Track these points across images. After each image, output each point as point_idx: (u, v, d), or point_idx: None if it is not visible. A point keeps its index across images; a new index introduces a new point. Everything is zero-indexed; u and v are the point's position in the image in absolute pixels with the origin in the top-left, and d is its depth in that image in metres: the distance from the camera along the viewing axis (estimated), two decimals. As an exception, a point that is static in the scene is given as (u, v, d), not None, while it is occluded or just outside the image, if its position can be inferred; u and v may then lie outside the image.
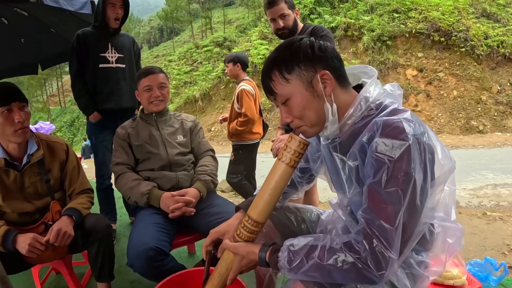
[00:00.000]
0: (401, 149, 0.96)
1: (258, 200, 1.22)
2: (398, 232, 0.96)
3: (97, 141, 3.06)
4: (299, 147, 1.16)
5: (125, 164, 2.12)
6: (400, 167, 0.96)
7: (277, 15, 2.37)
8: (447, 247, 1.15)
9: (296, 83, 1.12)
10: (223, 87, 19.10)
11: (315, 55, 1.11)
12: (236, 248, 1.21)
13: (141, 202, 1.99)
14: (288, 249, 1.11)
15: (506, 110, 12.16)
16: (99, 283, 2.02)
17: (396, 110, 1.06)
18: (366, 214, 1.01)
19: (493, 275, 2.02)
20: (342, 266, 1.01)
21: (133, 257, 1.71)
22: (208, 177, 2.14)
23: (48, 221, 1.89)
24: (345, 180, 1.19)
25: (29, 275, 2.26)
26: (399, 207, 0.96)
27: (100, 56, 2.93)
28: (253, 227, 1.21)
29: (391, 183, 0.96)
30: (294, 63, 1.12)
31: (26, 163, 1.87)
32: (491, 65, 13.32)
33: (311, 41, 1.14)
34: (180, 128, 2.28)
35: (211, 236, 1.41)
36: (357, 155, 1.08)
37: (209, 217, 1.96)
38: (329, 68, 1.12)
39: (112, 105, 2.98)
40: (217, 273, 1.29)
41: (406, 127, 0.98)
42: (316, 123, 1.16)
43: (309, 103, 1.13)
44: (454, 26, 14.17)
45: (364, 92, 1.12)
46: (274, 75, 1.15)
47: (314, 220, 1.54)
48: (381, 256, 0.96)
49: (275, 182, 1.18)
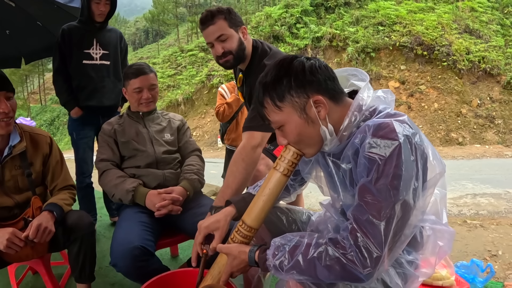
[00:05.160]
0: (392, 147, 0.96)
1: (252, 206, 1.26)
2: (386, 228, 0.96)
3: (78, 137, 2.99)
4: (293, 157, 1.18)
5: (110, 160, 2.06)
6: (391, 165, 0.96)
7: (213, 38, 1.81)
8: (437, 250, 1.16)
9: (288, 110, 1.11)
10: (206, 92, 19.04)
11: (306, 80, 1.09)
12: (229, 248, 1.23)
13: (126, 200, 1.92)
14: (276, 246, 1.12)
15: (485, 123, 12.43)
16: (78, 284, 1.94)
17: (390, 115, 1.06)
18: (355, 211, 1.01)
19: (479, 276, 2.03)
20: (326, 261, 1.00)
21: (117, 256, 1.65)
22: (195, 176, 2.09)
23: (28, 217, 1.80)
24: (339, 183, 1.19)
25: (5, 274, 2.16)
26: (388, 203, 0.96)
27: (84, 53, 2.87)
28: (247, 232, 1.25)
29: (381, 180, 0.97)
30: (285, 90, 1.09)
31: (7, 155, 1.79)
32: (472, 80, 13.62)
33: (302, 63, 1.11)
34: (168, 126, 2.23)
35: (202, 232, 1.37)
36: (350, 157, 1.08)
37: (196, 217, 1.85)
38: (322, 91, 1.10)
39: (94, 102, 2.92)
40: (210, 275, 1.30)
41: (397, 127, 0.98)
42: (314, 145, 1.16)
43: (303, 130, 1.12)
44: (437, 40, 14.45)
45: (357, 100, 1.11)
46: (266, 103, 1.13)
47: (305, 221, 1.54)
48: (366, 252, 0.96)
49: (269, 189, 1.23)
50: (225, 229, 1.36)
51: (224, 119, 3.27)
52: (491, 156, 9.94)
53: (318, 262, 1.01)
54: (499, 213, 4.62)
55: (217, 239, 1.33)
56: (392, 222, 0.96)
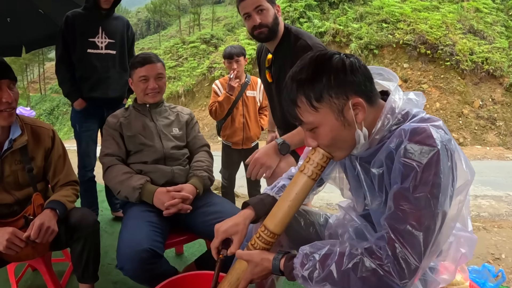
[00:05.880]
0: (430, 154, 0.92)
1: (276, 211, 1.19)
2: (425, 239, 0.92)
3: (81, 130, 2.89)
4: (322, 160, 1.12)
5: (115, 155, 1.96)
6: (430, 173, 0.92)
7: (252, 8, 1.86)
8: (459, 257, 1.13)
9: (325, 112, 1.03)
10: (207, 84, 18.92)
11: (347, 79, 1.01)
12: (251, 255, 1.16)
13: (132, 198, 1.83)
14: (304, 255, 1.06)
15: (487, 124, 12.39)
16: (81, 284, 1.85)
17: (424, 119, 1.02)
18: (391, 219, 0.96)
19: (490, 281, 2.00)
20: (361, 273, 0.95)
21: (124, 259, 1.56)
22: (205, 173, 2.00)
23: (29, 215, 1.70)
24: (366, 188, 1.14)
25: (3, 272, 2.09)
26: (428, 213, 0.92)
27: (89, 41, 2.76)
28: (269, 238, 1.18)
29: (420, 188, 0.92)
30: (324, 90, 1.01)
31: (8, 149, 1.68)
32: (475, 80, 13.56)
33: (343, 60, 1.03)
34: (176, 120, 2.14)
35: (220, 236, 1.28)
36: (383, 161, 1.03)
37: (206, 217, 1.82)
38: (361, 93, 1.03)
39: (98, 93, 2.82)
40: (227, 282, 1.22)
41: (434, 133, 0.94)
42: (345, 149, 1.11)
43: (339, 133, 1.05)
44: (441, 40, 14.36)
45: (389, 102, 1.06)
46: (300, 102, 1.05)
47: (322, 223, 1.47)
48: (404, 263, 0.92)
49: (295, 194, 1.15)
50: (244, 233, 1.28)
51: (217, 118, 3.22)
52: (492, 158, 9.90)
53: (353, 273, 0.96)
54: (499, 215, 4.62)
55: (235, 243, 1.26)
56: (432, 233, 0.93)
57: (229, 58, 3.13)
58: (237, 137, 3.26)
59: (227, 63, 3.18)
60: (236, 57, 3.12)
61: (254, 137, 3.33)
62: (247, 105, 3.26)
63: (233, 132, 3.25)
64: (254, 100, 3.31)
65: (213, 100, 3.20)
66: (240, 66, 3.14)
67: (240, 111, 3.23)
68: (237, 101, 3.21)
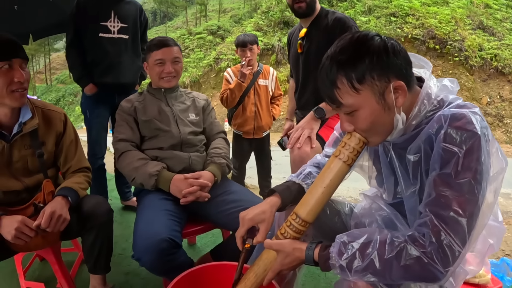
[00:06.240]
0: (471, 140, 0.92)
1: (309, 197, 1.14)
2: (469, 224, 0.91)
3: (91, 116, 2.84)
4: (358, 145, 1.08)
5: (129, 141, 1.89)
6: (472, 158, 0.92)
7: None
8: (487, 247, 1.12)
9: (367, 94, 1.00)
10: (213, 75, 18.85)
11: (390, 62, 0.99)
12: (281, 245, 1.12)
13: (148, 185, 1.76)
14: (342, 243, 1.03)
15: (494, 121, 12.30)
16: (92, 275, 1.78)
17: (461, 105, 1.00)
18: (433, 206, 0.95)
19: (508, 275, 1.98)
20: (405, 261, 0.93)
21: (141, 250, 1.49)
22: (223, 160, 1.94)
23: (39, 203, 1.60)
24: (400, 175, 1.11)
25: (10, 262, 1.98)
26: (471, 198, 0.92)
27: (101, 25, 2.69)
28: (301, 227, 1.13)
29: (463, 174, 0.92)
30: (366, 71, 0.98)
31: (17, 132, 1.59)
32: (483, 77, 13.45)
33: (385, 42, 1.00)
34: (192, 106, 2.07)
35: (246, 225, 1.22)
36: (422, 147, 1.01)
37: (225, 205, 1.76)
38: (402, 77, 1.01)
39: (110, 79, 2.75)
40: (253, 273, 1.16)
41: (473, 119, 0.94)
42: (382, 134, 1.07)
43: (378, 117, 1.02)
44: (450, 35, 14.24)
45: (425, 88, 1.04)
46: (340, 83, 1.01)
47: (347, 213, 1.43)
48: (449, 250, 0.91)
49: (330, 180, 1.11)
50: (271, 221, 1.22)
51: (228, 105, 3.18)
52: (500, 155, 9.87)
53: (396, 262, 0.94)
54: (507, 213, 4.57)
55: (262, 232, 1.20)
56: (476, 219, 0.93)
57: (243, 46, 3.08)
58: (248, 126, 3.22)
59: (240, 51, 3.13)
60: (250, 45, 3.07)
61: (265, 127, 3.28)
62: (259, 94, 3.21)
63: (244, 121, 3.21)
64: (266, 89, 3.26)
65: (224, 88, 3.16)
66: (253, 54, 3.10)
67: (252, 99, 3.18)
68: (249, 89, 3.17)
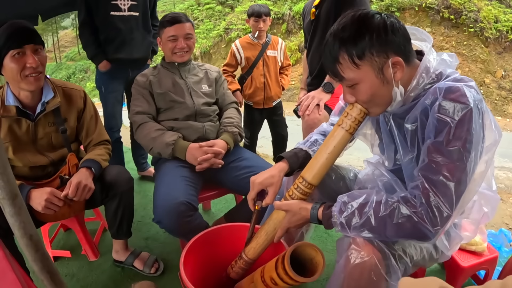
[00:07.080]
0: (463, 111, 0.98)
1: (314, 162, 1.23)
2: (457, 189, 0.98)
3: (106, 91, 2.91)
4: (359, 115, 1.17)
5: (146, 113, 1.99)
6: (462, 129, 0.98)
7: None
8: (482, 215, 1.21)
9: (366, 69, 1.07)
10: (224, 46, 18.67)
11: (388, 39, 1.05)
12: (289, 205, 1.22)
13: (165, 154, 1.87)
14: (342, 203, 1.12)
15: (508, 96, 12.04)
16: (115, 240, 1.94)
17: (458, 79, 1.06)
18: (425, 170, 1.03)
19: (505, 246, 2.06)
20: (397, 219, 1.02)
21: (161, 213, 1.61)
22: (236, 129, 2.03)
23: (65, 175, 1.74)
24: (399, 142, 1.19)
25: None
26: (460, 165, 0.99)
27: (112, 4, 2.71)
28: (307, 189, 1.23)
29: (453, 142, 0.99)
30: (366, 47, 1.05)
31: (41, 111, 1.70)
32: (498, 50, 13.08)
33: (384, 20, 1.06)
34: (205, 77, 2.15)
35: (255, 188, 1.35)
36: (418, 117, 1.09)
37: (238, 171, 1.86)
38: (400, 53, 1.07)
39: (123, 55, 2.79)
40: (264, 231, 1.29)
41: (467, 92, 1.00)
42: (382, 105, 1.15)
43: (378, 90, 1.10)
44: (465, 5, 13.76)
45: (424, 62, 1.10)
46: (342, 58, 1.08)
47: (352, 178, 1.54)
48: (437, 211, 0.99)
49: (333, 147, 1.20)
50: (279, 185, 1.34)
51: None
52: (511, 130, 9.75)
53: (389, 220, 1.03)
54: (514, 186, 4.59)
55: (270, 195, 1.33)
56: (463, 184, 0.99)
57: (258, 16, 3.10)
58: (258, 97, 3.27)
59: (253, 21, 3.14)
60: (264, 16, 3.10)
61: (275, 97, 3.33)
62: (268, 65, 3.24)
63: (254, 92, 3.25)
64: (275, 59, 3.28)
65: (228, 62, 3.27)
66: (265, 25, 3.13)
67: (261, 71, 3.21)
68: (258, 60, 3.21)
